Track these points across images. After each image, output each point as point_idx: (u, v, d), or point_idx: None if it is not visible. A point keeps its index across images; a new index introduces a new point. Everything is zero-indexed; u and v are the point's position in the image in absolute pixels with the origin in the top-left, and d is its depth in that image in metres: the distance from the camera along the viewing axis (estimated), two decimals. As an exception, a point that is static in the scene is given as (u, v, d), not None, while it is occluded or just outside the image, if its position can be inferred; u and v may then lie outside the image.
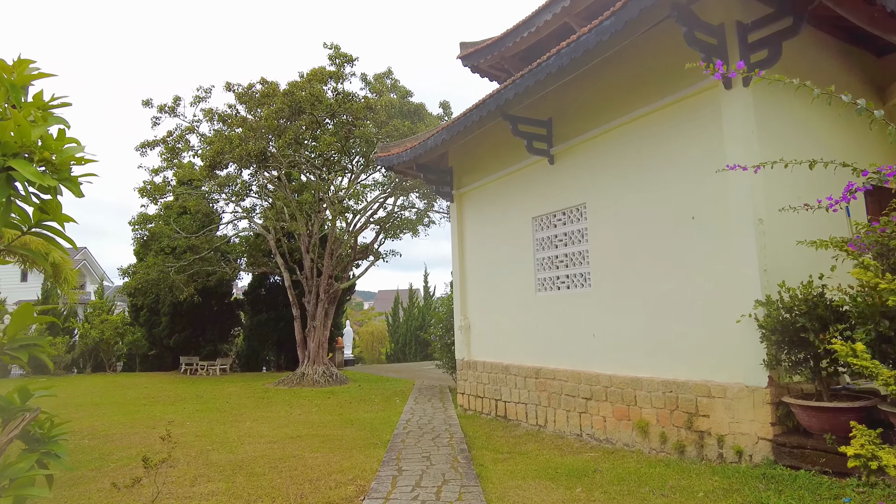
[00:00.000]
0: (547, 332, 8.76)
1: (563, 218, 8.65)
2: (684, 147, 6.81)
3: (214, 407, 13.43)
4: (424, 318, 33.52)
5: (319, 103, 14.08)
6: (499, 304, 9.94)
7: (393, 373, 21.36)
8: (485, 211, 10.45)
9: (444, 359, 14.73)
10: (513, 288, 9.59)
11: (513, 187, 9.66)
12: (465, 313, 10.87)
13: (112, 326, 24.27)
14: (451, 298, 15.49)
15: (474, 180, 10.64)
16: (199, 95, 16.81)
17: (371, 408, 12.64)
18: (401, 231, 19.66)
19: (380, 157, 11.34)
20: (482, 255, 10.49)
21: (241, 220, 20.82)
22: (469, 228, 10.93)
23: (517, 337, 9.38)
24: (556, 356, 8.57)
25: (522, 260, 9.37)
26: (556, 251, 8.73)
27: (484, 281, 10.41)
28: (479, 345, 10.48)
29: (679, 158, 6.87)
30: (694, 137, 6.71)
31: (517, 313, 9.43)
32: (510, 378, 9.39)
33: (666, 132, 7.05)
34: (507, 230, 9.78)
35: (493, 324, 10.10)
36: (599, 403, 7.71)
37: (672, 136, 6.96)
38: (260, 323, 23.81)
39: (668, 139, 7.00)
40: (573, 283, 8.43)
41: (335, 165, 14.67)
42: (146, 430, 10.60)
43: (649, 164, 7.26)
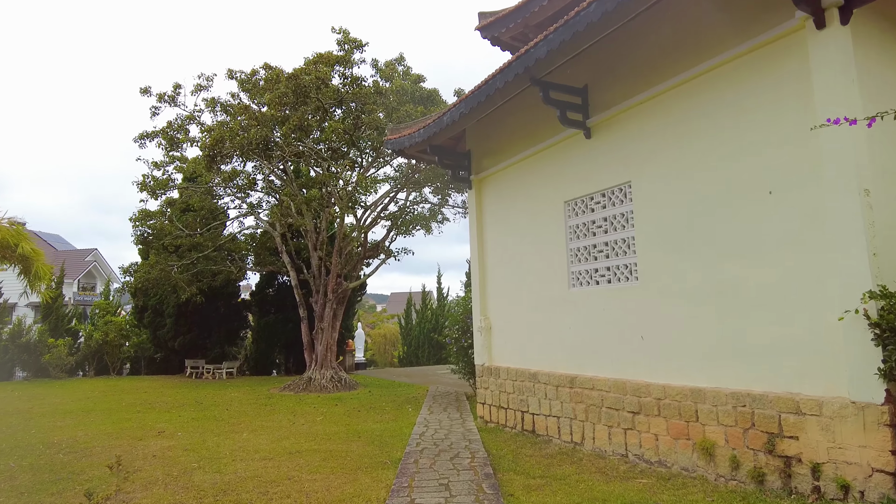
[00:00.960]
0: (583, 333, 7.49)
1: (602, 200, 7.38)
2: (757, 106, 5.52)
3: (212, 415, 12.32)
4: (438, 320, 32.30)
5: (325, 87, 12.95)
6: (524, 301, 8.70)
7: (405, 377, 20.15)
8: (507, 197, 9.22)
9: (461, 363, 13.48)
10: (541, 283, 8.34)
11: (541, 168, 8.42)
12: (485, 313, 9.63)
13: (117, 328, 23.33)
14: (467, 298, 14.25)
15: (495, 163, 9.41)
16: (201, 84, 15.79)
17: (381, 417, 11.44)
18: (413, 227, 18.46)
19: (390, 139, 10.17)
20: (504, 247, 9.26)
21: (246, 216, 19.77)
22: (489, 218, 9.70)
23: (547, 340, 8.12)
24: (594, 362, 7.29)
25: (552, 251, 8.11)
26: (594, 239, 7.47)
27: (507, 276, 9.17)
28: (501, 348, 9.24)
29: (750, 121, 5.58)
30: (771, 94, 5.42)
31: (547, 312, 8.17)
32: (539, 387, 8.13)
33: (732, 91, 5.77)
34: (534, 217, 8.54)
35: (517, 324, 8.86)
36: (650, 419, 6.42)
37: (741, 94, 5.68)
38: (268, 324, 22.74)
39: (736, 99, 5.72)
40: (615, 277, 7.15)
41: (343, 158, 13.53)
42: (132, 441, 9.49)
43: (709, 131, 5.98)
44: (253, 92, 14.77)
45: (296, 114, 12.82)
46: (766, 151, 5.42)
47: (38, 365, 21.74)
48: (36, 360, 21.79)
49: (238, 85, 15.71)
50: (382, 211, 17.48)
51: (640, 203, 6.79)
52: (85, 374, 24.05)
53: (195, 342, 23.33)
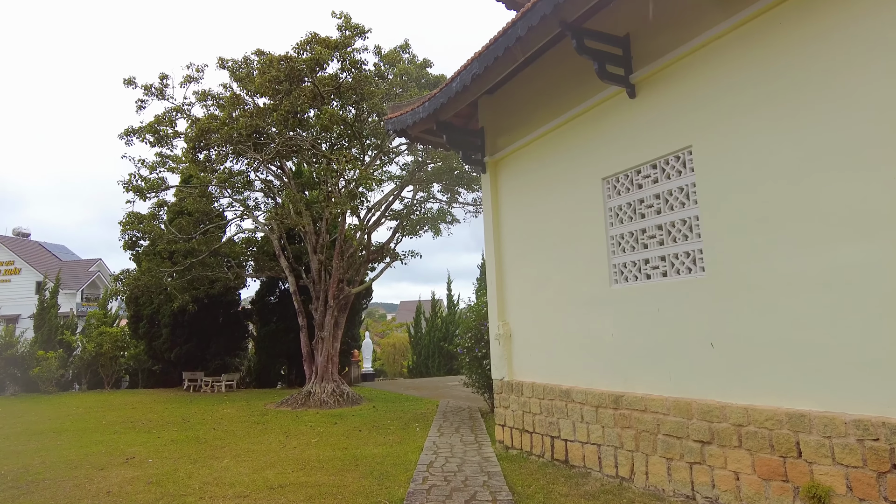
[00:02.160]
0: (630, 341, 5.93)
1: (652, 173, 5.86)
2: (869, 32, 4.00)
3: (195, 436, 10.85)
4: (448, 328, 30.77)
5: (321, 69, 11.58)
6: (552, 303, 7.16)
7: (414, 390, 18.59)
8: (528, 179, 7.71)
9: (474, 376, 11.93)
10: (573, 280, 6.80)
11: (571, 140, 6.91)
12: (503, 318, 8.09)
13: (112, 339, 22.00)
14: (480, 303, 12.71)
15: (513, 140, 7.92)
16: (191, 75, 14.48)
17: (384, 439, 9.90)
18: (420, 228, 16.98)
19: (390, 118, 8.72)
20: (526, 239, 7.74)
21: (243, 218, 18.41)
22: (507, 205, 8.19)
23: (582, 349, 6.57)
24: (646, 377, 5.73)
25: (588, 240, 6.58)
26: (643, 222, 5.93)
27: (529, 273, 7.64)
28: (524, 360, 7.68)
29: (860, 55, 4.06)
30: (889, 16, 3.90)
31: (581, 316, 6.62)
32: (573, 407, 6.56)
33: (833, 17, 4.25)
34: (563, 201, 7.02)
35: (543, 331, 7.31)
36: (727, 451, 4.84)
37: (843, 19, 4.16)
38: (269, 334, 21.31)
39: (837, 25, 4.20)
40: (673, 268, 5.61)
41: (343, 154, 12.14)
42: (91, 472, 8.03)
43: (802, 73, 4.46)
44: (245, 81, 13.45)
45: (288, 99, 11.43)
46: (885, 95, 3.89)
47: (28, 379, 20.45)
48: (25, 373, 20.50)
49: (230, 75, 14.39)
50: (387, 209, 16.02)
51: (705, 173, 5.26)
52: (81, 388, 22.76)
53: (193, 353, 21.94)
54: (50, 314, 22.89)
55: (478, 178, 17.22)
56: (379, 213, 16.03)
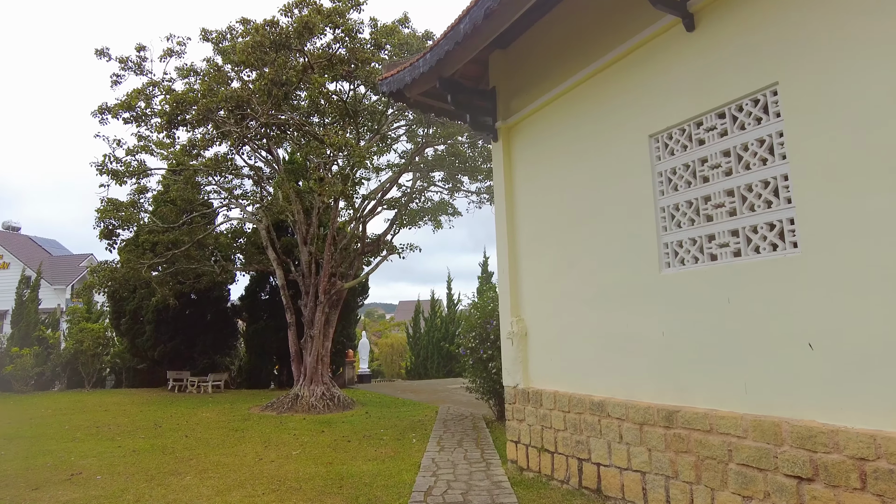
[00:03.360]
0: (688, 340, 4.56)
1: (718, 124, 4.49)
2: None
3: (162, 445, 9.46)
4: (448, 328, 29.41)
5: (311, 35, 10.22)
6: (579, 294, 5.78)
7: (411, 393, 17.19)
8: (550, 144, 6.35)
9: (479, 380, 10.55)
10: (608, 265, 5.43)
11: (607, 92, 5.55)
12: (517, 313, 6.70)
13: (92, 336, 20.58)
14: (486, 298, 11.34)
15: (532, 100, 6.55)
16: (171, 48, 13.08)
17: (375, 452, 8.52)
18: (420, 218, 15.61)
19: (385, 78, 7.36)
20: (546, 216, 6.37)
21: (229, 207, 17.05)
22: (523, 178, 6.82)
23: (621, 351, 5.19)
24: (710, 387, 4.36)
25: (628, 214, 5.22)
26: (707, 188, 4.56)
27: (550, 259, 6.27)
28: (543, 363, 6.30)
29: None
30: None
31: (619, 308, 5.25)
32: (609, 424, 5.18)
33: None
34: (595, 167, 5.65)
35: (568, 328, 5.93)
36: (842, 494, 3.46)
37: None
38: (258, 332, 19.91)
39: None
40: (750, 245, 4.23)
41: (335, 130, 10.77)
42: (23, 492, 6.65)
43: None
44: (229, 54, 12.07)
45: (272, 67, 10.07)
46: None
47: (2, 378, 19.04)
48: (-1, 371, 19.11)
49: (213, 48, 13.04)
50: (384, 197, 14.64)
51: (797, 117, 3.89)
52: (59, 387, 21.35)
53: (178, 352, 20.53)
54: (28, 309, 21.49)
55: (482, 168, 15.88)
56: (374, 202, 14.66)
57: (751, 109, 4.23)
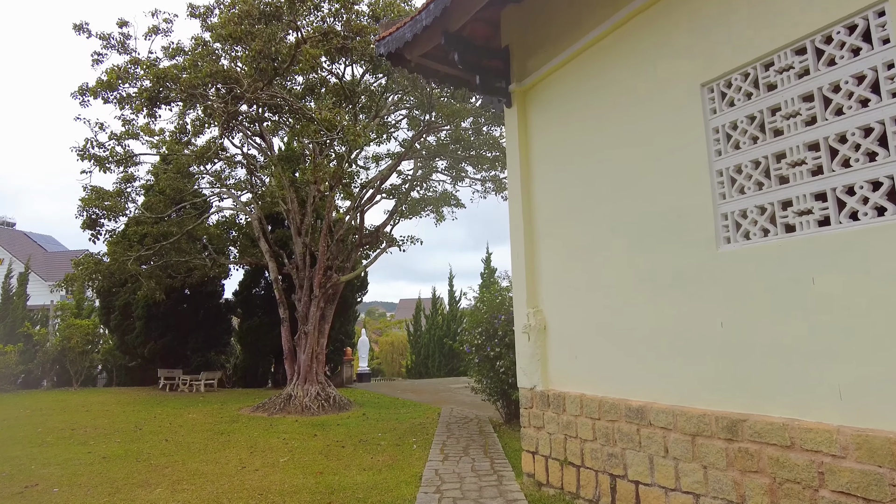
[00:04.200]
0: (757, 332, 3.64)
1: (796, 62, 3.57)
2: None
3: (138, 450, 8.57)
4: (450, 326, 28.55)
5: (302, 2, 9.32)
6: (609, 280, 4.87)
7: (412, 393, 16.29)
8: (573, 106, 5.43)
9: (486, 380, 9.64)
10: (646, 244, 4.51)
11: (648, 38, 4.62)
12: (534, 302, 5.79)
13: (81, 332, 19.68)
14: (493, 290, 10.43)
15: (551, 57, 5.64)
16: (157, 25, 12.16)
17: (371, 460, 7.62)
18: (421, 208, 14.70)
19: (382, 38, 6.44)
20: (568, 191, 5.45)
21: (221, 197, 16.16)
22: (540, 146, 5.89)
23: (665, 347, 4.27)
24: (788, 391, 3.44)
25: (673, 181, 4.30)
26: (781, 142, 3.64)
27: (573, 240, 5.35)
28: (565, 362, 5.38)
29: None
30: None
31: (662, 295, 4.33)
32: (650, 434, 4.27)
33: None
34: (629, 129, 4.73)
35: (596, 321, 5.01)
36: None
37: None
38: (252, 328, 19.01)
39: None
40: (842, 211, 3.31)
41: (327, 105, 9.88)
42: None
43: None
44: (217, 29, 11.15)
45: (261, 38, 9.15)
46: None
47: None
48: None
49: (200, 24, 12.12)
50: (384, 184, 13.72)
51: (916, 40, 2.98)
52: (46, 386, 20.46)
53: (170, 349, 19.65)
54: (15, 304, 20.63)
55: (487, 157, 14.97)
56: (373, 191, 13.74)
57: (844, 38, 3.31)
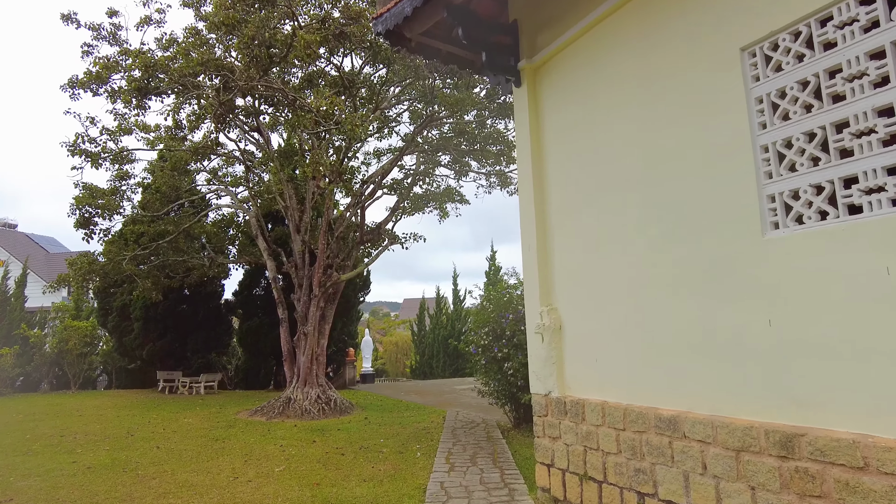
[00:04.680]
0: (814, 331, 3.11)
1: (862, 14, 3.04)
2: None
3: (126, 459, 8.09)
4: (454, 325, 28.05)
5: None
6: (638, 275, 4.34)
7: (416, 395, 15.79)
8: (590, 83, 4.90)
9: (493, 383, 9.13)
10: (677, 233, 3.98)
11: (673, 1, 4.10)
12: (548, 300, 5.26)
13: (79, 334, 19.29)
14: (500, 288, 9.92)
15: (566, 28, 5.11)
16: (149, 15, 11.70)
17: (372, 469, 7.11)
18: (424, 204, 14.19)
19: (380, 14, 5.94)
20: (585, 176, 4.92)
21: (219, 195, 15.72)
22: (553, 129, 5.37)
23: (705, 348, 3.74)
24: (856, 401, 2.91)
25: (709, 161, 3.77)
26: (843, 109, 3.11)
27: (594, 231, 4.82)
28: (585, 366, 4.85)
29: None
30: None
31: (700, 292, 3.80)
32: (685, 448, 3.74)
33: None
34: (656, 104, 4.20)
35: (619, 320, 4.49)
36: None
37: None
38: (252, 329, 18.56)
39: None
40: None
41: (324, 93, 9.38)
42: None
43: None
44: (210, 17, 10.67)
45: (254, 24, 8.66)
46: None
47: (-23, 378, 17.78)
48: (-26, 372, 17.82)
49: (194, 13, 11.66)
50: (384, 178, 13.20)
51: None
52: (43, 389, 20.09)
53: (170, 351, 19.23)
54: (13, 306, 20.25)
55: (492, 152, 14.45)
56: (374, 186, 13.23)
57: (923, -18, 2.78)
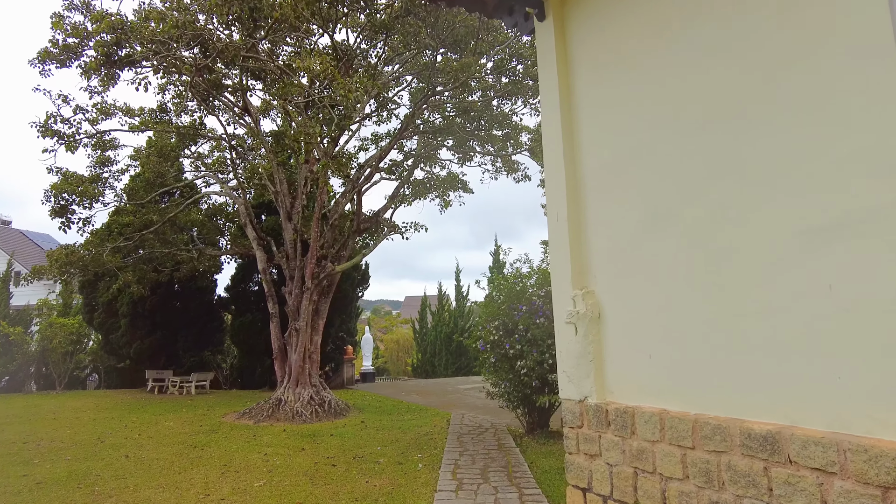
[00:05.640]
0: None
1: None
2: None
3: (84, 471, 7.03)
4: (457, 323, 26.99)
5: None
6: (717, 239, 3.26)
7: (417, 395, 14.74)
8: (638, 8, 3.82)
9: (504, 383, 8.05)
10: (790, 183, 2.90)
11: None
12: (582, 281, 4.19)
13: (64, 332, 18.27)
14: (511, 279, 8.84)
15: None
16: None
17: (367, 484, 6.04)
18: (426, 191, 13.11)
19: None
20: (636, 127, 3.83)
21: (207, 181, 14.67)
22: (589, 66, 4.26)
23: (823, 338, 2.67)
24: None
25: (828, 85, 2.69)
26: None
27: (647, 193, 3.74)
28: (634, 363, 3.77)
29: None
30: None
31: (815, 257, 2.73)
32: (792, 478, 2.67)
33: None
34: (740, 20, 3.12)
35: (687, 306, 3.41)
36: None
37: None
38: (244, 325, 17.50)
39: None
40: None
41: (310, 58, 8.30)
42: None
43: None
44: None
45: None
46: None
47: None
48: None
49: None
50: (381, 161, 12.11)
51: None
52: (26, 389, 19.08)
53: (159, 348, 18.20)
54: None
55: (497, 137, 13.36)
56: (371, 169, 12.15)
57: None
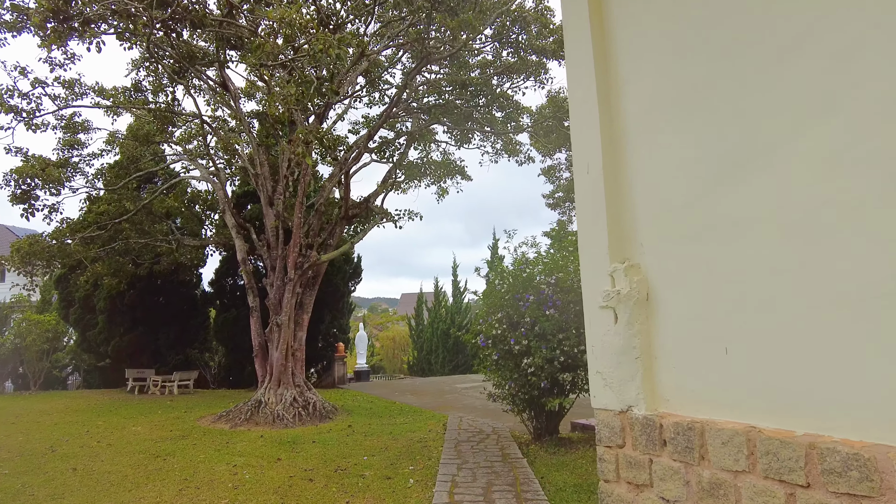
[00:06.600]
0: None
1: None
2: None
3: (16, 490, 5.95)
4: (454, 319, 25.98)
5: None
6: (826, 193, 2.24)
7: (412, 395, 13.70)
8: None
9: (508, 384, 7.00)
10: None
11: None
12: (623, 253, 3.15)
13: (40, 329, 17.18)
14: (517, 266, 7.78)
15: None
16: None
17: (351, 501, 5.02)
18: (420, 175, 12.05)
19: None
20: (699, 56, 2.80)
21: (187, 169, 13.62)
22: None
23: None
24: None
25: None
26: None
27: (719, 132, 2.71)
28: (700, 361, 2.74)
29: None
30: None
31: None
32: None
33: None
34: None
35: (787, 274, 2.39)
36: None
37: None
38: (228, 322, 16.41)
39: None
40: None
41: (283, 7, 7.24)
42: None
43: None
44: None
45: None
46: None
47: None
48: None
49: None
50: (371, 139, 11.03)
51: None
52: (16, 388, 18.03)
53: (140, 346, 17.08)
54: (-33, 298, 18.07)
55: (497, 119, 12.32)
56: (359, 150, 11.07)
57: None
